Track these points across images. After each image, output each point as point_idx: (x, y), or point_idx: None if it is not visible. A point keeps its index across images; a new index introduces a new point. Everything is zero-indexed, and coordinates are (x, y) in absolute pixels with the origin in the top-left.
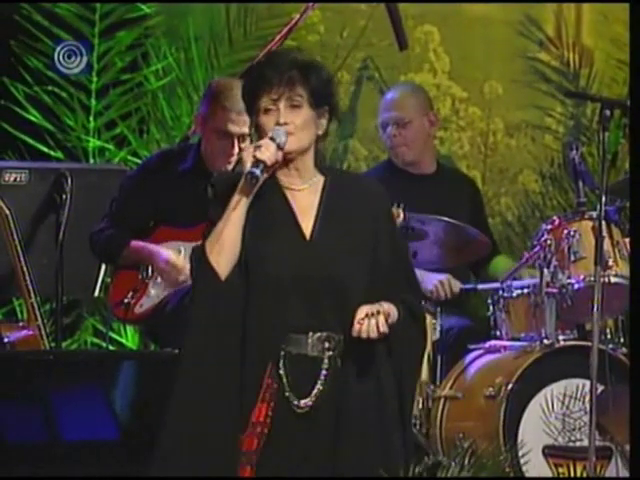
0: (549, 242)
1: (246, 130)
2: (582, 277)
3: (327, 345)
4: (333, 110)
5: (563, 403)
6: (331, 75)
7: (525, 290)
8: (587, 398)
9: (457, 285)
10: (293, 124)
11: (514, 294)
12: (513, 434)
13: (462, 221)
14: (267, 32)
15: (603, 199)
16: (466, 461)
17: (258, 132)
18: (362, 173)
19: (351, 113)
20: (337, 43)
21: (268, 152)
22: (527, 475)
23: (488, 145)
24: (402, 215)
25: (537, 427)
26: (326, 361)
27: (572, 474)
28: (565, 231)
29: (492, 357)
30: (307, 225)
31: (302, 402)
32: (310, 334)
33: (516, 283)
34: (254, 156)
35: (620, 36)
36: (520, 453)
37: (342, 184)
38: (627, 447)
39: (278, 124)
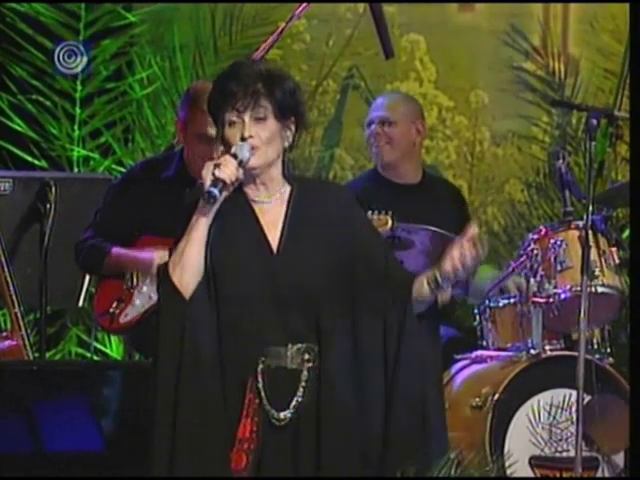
0: (535, 252)
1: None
2: (569, 287)
3: (306, 357)
4: (300, 121)
5: (550, 413)
6: (296, 85)
7: (511, 300)
8: (574, 408)
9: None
10: (258, 137)
11: (500, 304)
12: (500, 444)
13: (448, 231)
14: (253, 41)
15: (590, 208)
16: (452, 471)
17: (224, 145)
18: (347, 182)
19: (337, 122)
20: (323, 52)
21: (228, 170)
22: None
23: (474, 154)
24: (390, 223)
25: (524, 437)
26: (305, 373)
27: None
28: (551, 241)
29: (478, 367)
30: (274, 238)
31: (282, 414)
32: (289, 346)
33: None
34: (213, 174)
35: (607, 45)
36: (507, 463)
37: (309, 193)
38: (614, 457)
39: (243, 138)
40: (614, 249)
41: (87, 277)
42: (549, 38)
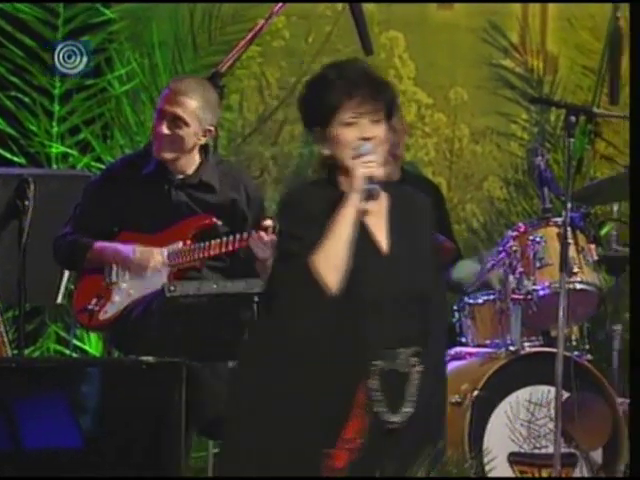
0: (514, 249)
1: (179, 112)
2: (547, 284)
3: (416, 360)
4: (394, 124)
5: (528, 410)
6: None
7: (491, 297)
8: (552, 405)
9: None
10: (378, 138)
11: (479, 300)
12: (478, 441)
13: None
14: (232, 37)
15: (568, 205)
16: (431, 467)
17: (330, 144)
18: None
19: None
20: (302, 49)
21: (377, 169)
22: None
23: (453, 151)
24: None
25: (502, 434)
26: (415, 376)
27: None
28: (530, 238)
29: (457, 364)
30: (381, 239)
31: (393, 417)
32: (402, 349)
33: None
34: (369, 173)
35: (585, 42)
36: (485, 460)
37: (399, 196)
38: (592, 454)
39: (364, 138)
40: (592, 246)
41: (66, 274)
42: (528, 35)
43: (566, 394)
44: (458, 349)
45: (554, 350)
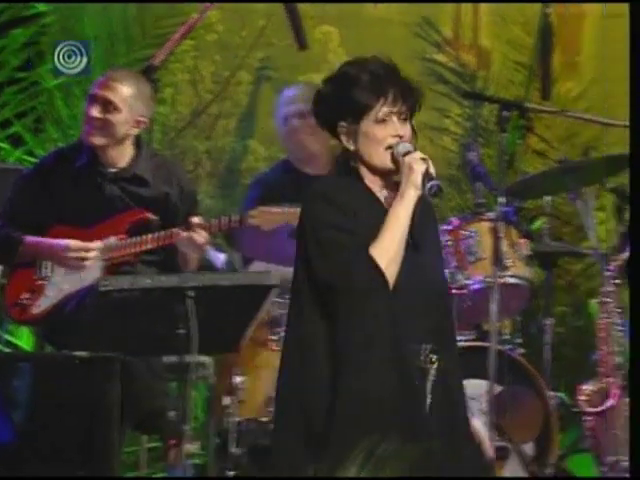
0: (448, 243)
1: (111, 96)
2: (481, 278)
3: (434, 357)
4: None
5: None
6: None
7: None
8: (485, 399)
9: None
10: (407, 136)
11: None
12: None
13: None
14: (165, 31)
15: (501, 200)
16: (366, 460)
17: (360, 140)
18: (260, 173)
19: (250, 113)
20: (236, 43)
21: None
22: None
23: None
24: None
25: None
26: (433, 372)
27: None
28: (463, 232)
29: None
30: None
31: None
32: (426, 347)
33: None
34: (427, 170)
35: (517, 38)
36: None
37: None
38: (523, 447)
39: (396, 136)
40: (525, 240)
41: None
42: (461, 30)
43: (499, 388)
44: None
45: (487, 344)
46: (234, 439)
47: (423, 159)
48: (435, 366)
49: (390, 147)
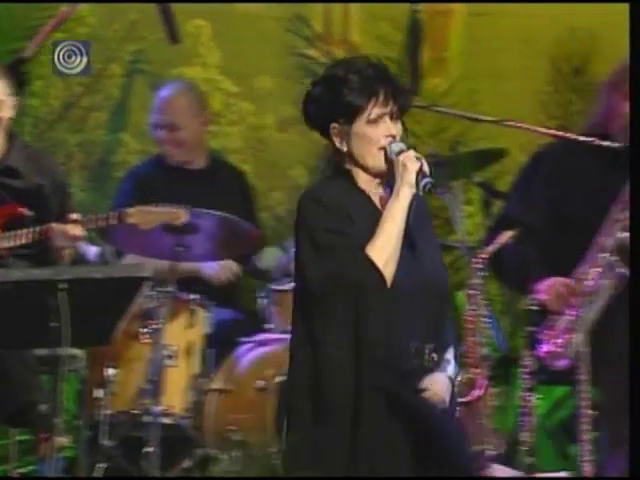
0: None
1: None
2: None
3: (434, 357)
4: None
5: None
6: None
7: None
8: None
9: (236, 266)
10: (398, 135)
11: (285, 287)
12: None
13: (234, 215)
14: (36, 23)
15: None
16: (236, 453)
17: (353, 140)
18: (132, 166)
19: (123, 106)
20: (108, 36)
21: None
22: None
23: (260, 140)
24: (185, 216)
25: None
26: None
27: None
28: None
29: (262, 350)
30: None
31: None
32: (427, 345)
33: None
34: (421, 169)
35: (386, 34)
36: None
37: None
38: None
39: (389, 136)
40: None
41: None
42: (331, 26)
43: None
44: (263, 335)
45: None
46: (106, 432)
47: (417, 157)
48: (431, 367)
49: (383, 147)
